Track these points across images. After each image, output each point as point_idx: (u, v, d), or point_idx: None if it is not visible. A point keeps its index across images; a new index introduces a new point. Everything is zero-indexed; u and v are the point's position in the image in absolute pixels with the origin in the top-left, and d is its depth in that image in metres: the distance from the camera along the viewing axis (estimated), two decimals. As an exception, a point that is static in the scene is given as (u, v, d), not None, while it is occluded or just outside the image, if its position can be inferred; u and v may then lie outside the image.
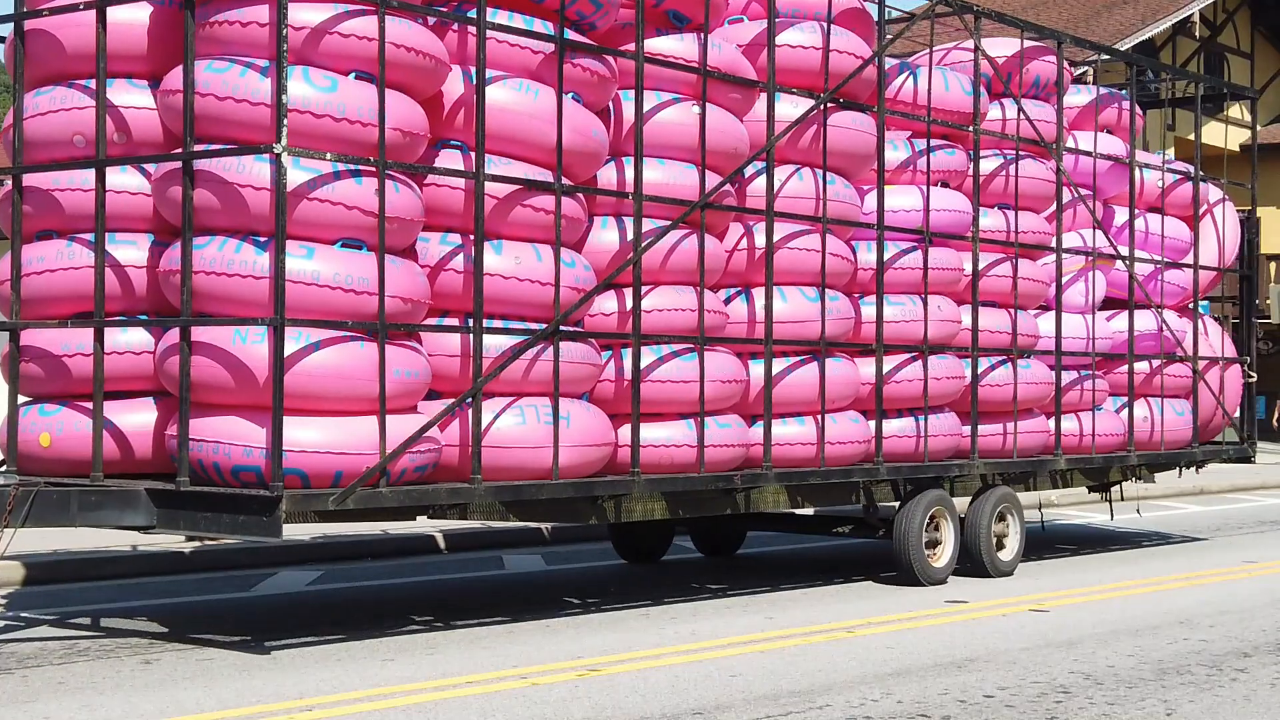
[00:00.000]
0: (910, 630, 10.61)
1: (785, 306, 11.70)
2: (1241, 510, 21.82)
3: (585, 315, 10.73)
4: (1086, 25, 33.89)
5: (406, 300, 9.33)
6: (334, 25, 9.08)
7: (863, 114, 12.30)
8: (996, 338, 13.48)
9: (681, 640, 10.06)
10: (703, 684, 8.55)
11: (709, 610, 11.40)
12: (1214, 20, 37.43)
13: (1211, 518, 20.44)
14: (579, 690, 8.35)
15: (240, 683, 8.47)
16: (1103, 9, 36.38)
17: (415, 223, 9.53)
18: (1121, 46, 27.95)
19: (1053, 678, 8.90)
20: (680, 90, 11.12)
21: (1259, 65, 40.34)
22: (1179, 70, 16.64)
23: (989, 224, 13.59)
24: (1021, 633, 10.53)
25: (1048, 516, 18.13)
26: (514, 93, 10.01)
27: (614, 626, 10.62)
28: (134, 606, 11.48)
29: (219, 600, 11.99)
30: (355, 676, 8.67)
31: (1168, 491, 23.40)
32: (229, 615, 11.21)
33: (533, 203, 10.05)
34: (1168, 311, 15.62)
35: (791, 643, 10.02)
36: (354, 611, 11.32)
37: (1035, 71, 14.22)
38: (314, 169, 8.97)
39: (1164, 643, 10.17)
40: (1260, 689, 8.67)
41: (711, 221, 11.30)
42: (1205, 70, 37.91)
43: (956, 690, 8.49)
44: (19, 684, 8.40)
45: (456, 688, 8.38)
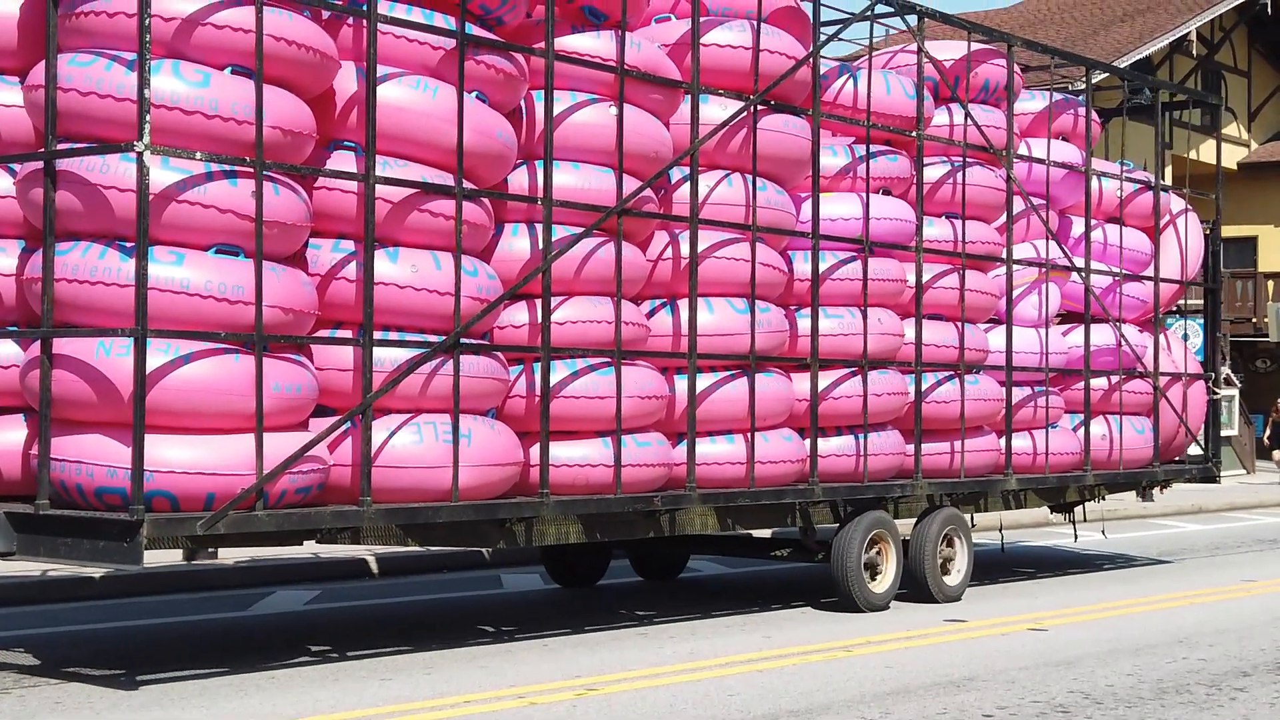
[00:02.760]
0: (908, 649, 10.43)
1: (712, 318, 11.11)
2: (1239, 528, 21.65)
3: (494, 327, 10.14)
4: (1084, 43, 33.70)
5: (288, 310, 8.72)
6: (207, 16, 8.50)
7: (797, 118, 11.72)
8: (942, 352, 12.88)
9: (679, 659, 9.91)
10: (701, 703, 8.40)
11: (707, 629, 11.21)
12: (1211, 39, 37.20)
13: (1209, 536, 20.20)
14: (577, 710, 8.18)
15: (236, 702, 8.27)
16: (1100, 27, 36.22)
17: (299, 227, 8.92)
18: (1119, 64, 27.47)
19: (1052, 697, 8.72)
20: (598, 91, 10.54)
21: (1256, 83, 40.10)
22: (1135, 75, 16.04)
23: (934, 233, 13.00)
24: (1020, 652, 10.36)
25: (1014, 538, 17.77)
26: (411, 91, 9.43)
27: (611, 645, 10.43)
28: (128, 627, 11.25)
29: (215, 620, 11.74)
30: (353, 696, 8.48)
31: (1165, 510, 23.47)
32: (226, 635, 10.98)
33: (431, 207, 9.46)
34: (1128, 326, 15.04)
35: (789, 662, 9.85)
36: (351, 631, 11.16)
37: (985, 75, 13.64)
38: (184, 169, 8.37)
39: (1163, 662, 10.00)
40: (1260, 709, 8.51)
41: (631, 229, 10.72)
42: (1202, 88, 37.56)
43: (955, 709, 8.31)
44: None
45: (454, 707, 8.26)
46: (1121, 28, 35.86)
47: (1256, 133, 40.43)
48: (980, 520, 15.55)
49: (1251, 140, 40.14)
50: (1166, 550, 18.04)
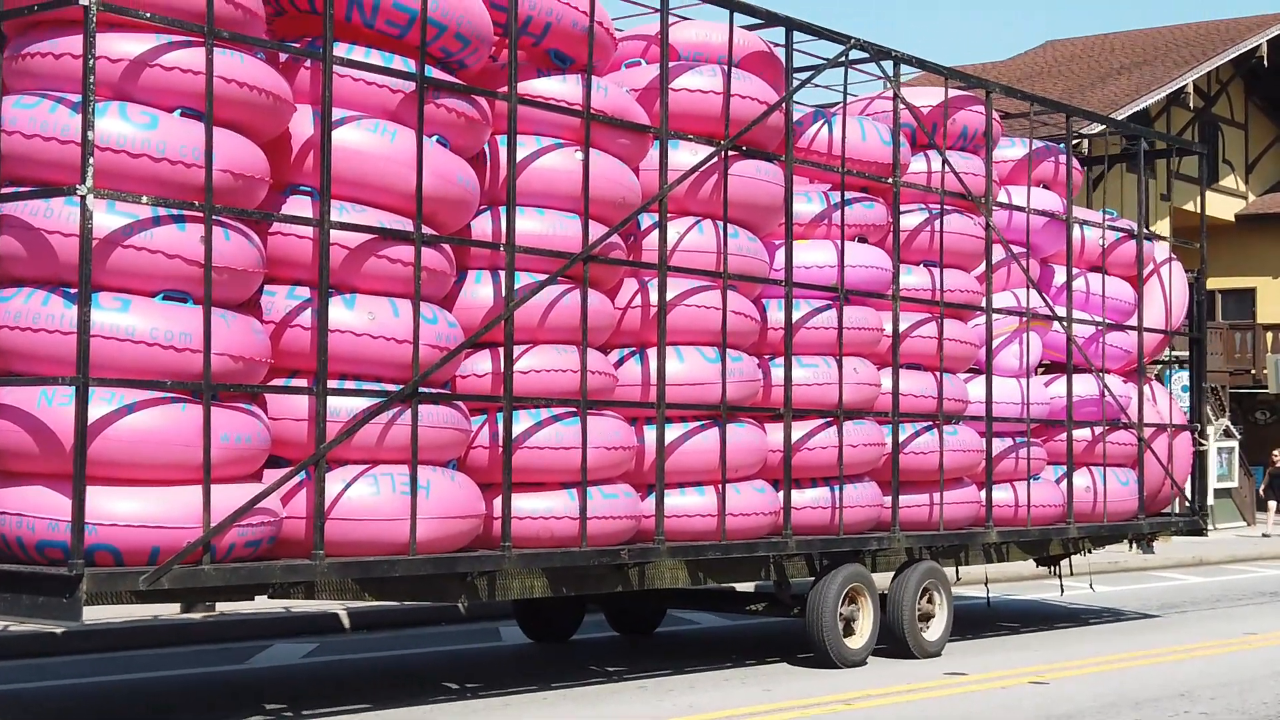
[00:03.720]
0: (909, 703, 10.34)
1: (682, 368, 10.88)
2: (1241, 581, 21.49)
3: (455, 376, 9.92)
4: (1082, 95, 33.78)
5: (238, 358, 8.48)
6: (156, 58, 8.30)
7: (770, 163, 11.52)
8: (921, 402, 12.65)
9: (680, 713, 9.78)
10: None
11: (705, 683, 11.12)
12: (1208, 91, 37.30)
13: (1211, 589, 20.00)
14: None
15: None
16: (1097, 80, 36.34)
17: (251, 273, 8.70)
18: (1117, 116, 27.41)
19: (1057, 749, 8.50)
20: (564, 136, 10.36)
21: (1253, 135, 40.16)
22: (1118, 122, 15.88)
23: (912, 282, 12.78)
24: (1023, 705, 10.27)
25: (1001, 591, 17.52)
26: (368, 134, 9.23)
27: (612, 699, 10.35)
28: (121, 681, 11.18)
29: (215, 673, 11.63)
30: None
31: (1166, 563, 23.45)
32: (227, 688, 10.88)
33: (389, 253, 9.24)
34: (1111, 376, 14.81)
35: (790, 715, 9.74)
36: (348, 684, 11.05)
37: (963, 122, 13.45)
38: (130, 213, 8.15)
39: (1165, 715, 9.90)
40: (1261, 762, 8.25)
41: (598, 276, 10.51)
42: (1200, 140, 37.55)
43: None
44: None
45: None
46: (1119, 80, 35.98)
47: (1254, 184, 40.43)
48: (965, 574, 15.34)
49: (1249, 192, 40.12)
50: (1168, 603, 17.82)
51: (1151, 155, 16.84)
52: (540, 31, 10.25)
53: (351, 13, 9.31)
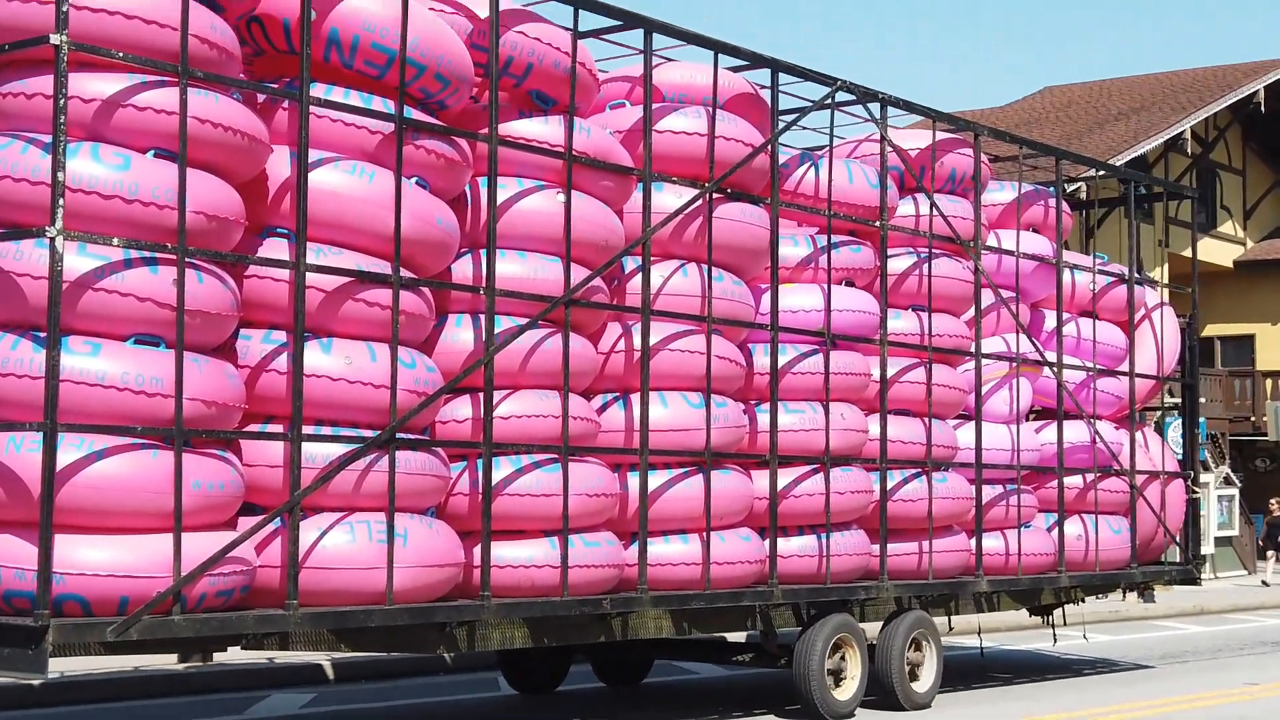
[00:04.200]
0: None
1: (666, 413, 10.73)
2: (1242, 630, 21.29)
3: (435, 422, 9.77)
4: (1080, 142, 33.85)
5: (211, 403, 8.32)
6: (129, 98, 8.16)
7: (755, 206, 11.41)
8: (909, 449, 12.49)
9: None
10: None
11: None
12: (1206, 137, 37.33)
13: (1212, 638, 19.82)
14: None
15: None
16: (1095, 126, 36.41)
17: (225, 317, 8.54)
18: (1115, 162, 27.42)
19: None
20: (547, 178, 10.23)
21: (1251, 181, 40.19)
22: (1107, 166, 15.79)
23: (900, 326, 12.65)
24: None
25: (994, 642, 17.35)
26: (346, 176, 9.09)
27: None
28: None
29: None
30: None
31: (1168, 611, 23.33)
32: None
33: (367, 297, 9.09)
34: (1103, 422, 14.66)
35: None
36: None
37: (951, 165, 13.34)
38: (101, 255, 8.00)
39: None
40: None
41: (581, 320, 10.36)
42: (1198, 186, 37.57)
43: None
44: None
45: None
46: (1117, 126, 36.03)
47: (1252, 230, 40.42)
48: (958, 623, 15.16)
49: (1247, 238, 40.08)
50: (1169, 652, 17.64)
51: (1143, 199, 16.74)
52: (522, 72, 10.14)
53: (330, 53, 9.20)
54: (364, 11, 9.21)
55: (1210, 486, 31.93)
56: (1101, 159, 26.44)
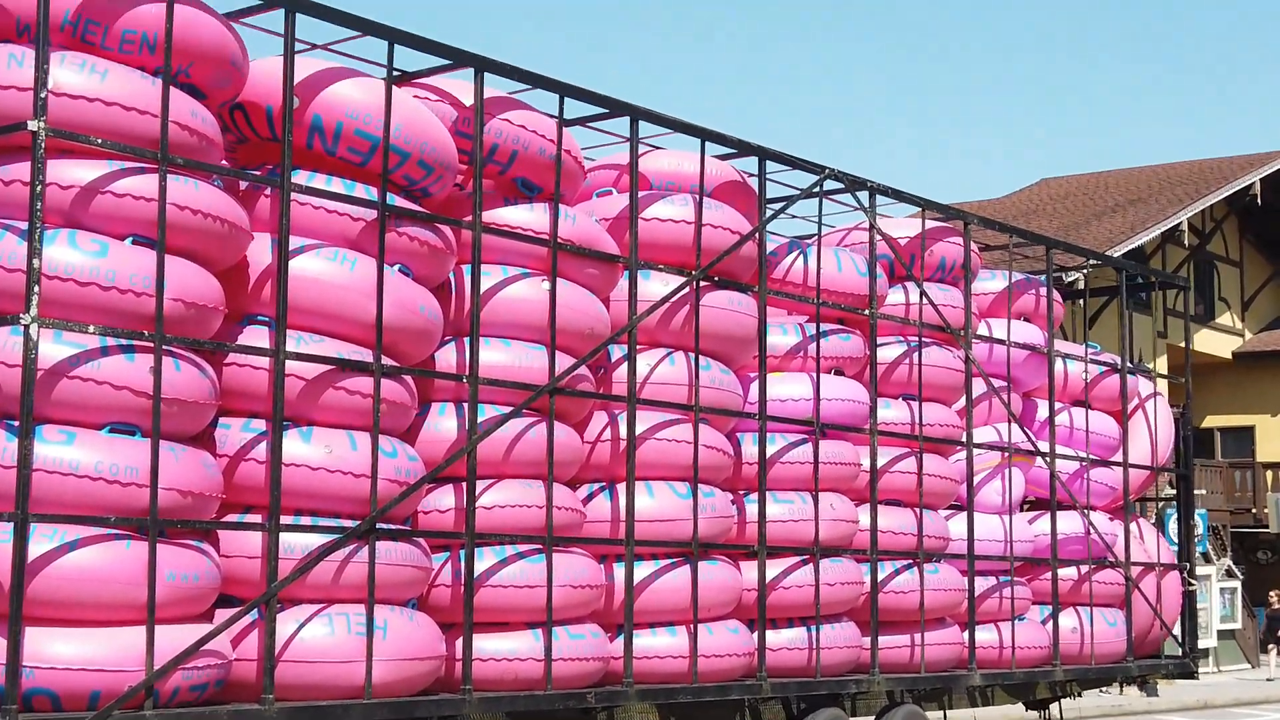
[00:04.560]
0: None
1: (652, 503, 10.61)
2: None
3: (417, 511, 9.64)
4: (1077, 233, 34.02)
5: (186, 493, 8.19)
6: (108, 184, 8.10)
7: (743, 294, 11.34)
8: (900, 539, 12.36)
9: None
10: None
11: None
12: (1202, 229, 37.44)
13: None
14: None
15: None
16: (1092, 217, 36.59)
17: (203, 405, 8.43)
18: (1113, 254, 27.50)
19: None
20: (532, 265, 10.17)
21: (1249, 273, 40.27)
22: (1097, 254, 15.75)
23: (890, 415, 12.55)
24: None
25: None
26: (327, 263, 9.03)
27: None
28: None
29: None
30: None
31: (1171, 706, 23.24)
32: None
33: (348, 385, 8.99)
34: (1097, 513, 14.53)
35: None
36: None
37: (941, 254, 13.30)
38: (77, 343, 7.90)
39: None
40: None
41: (566, 409, 10.27)
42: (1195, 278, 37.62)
43: None
44: None
45: None
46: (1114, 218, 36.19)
47: (1250, 322, 40.45)
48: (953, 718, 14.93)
49: (1246, 330, 40.08)
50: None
51: (1135, 289, 16.71)
52: (507, 159, 10.11)
53: (313, 140, 9.17)
54: (347, 99, 9.19)
55: (1212, 579, 31.73)
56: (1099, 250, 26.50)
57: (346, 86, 9.23)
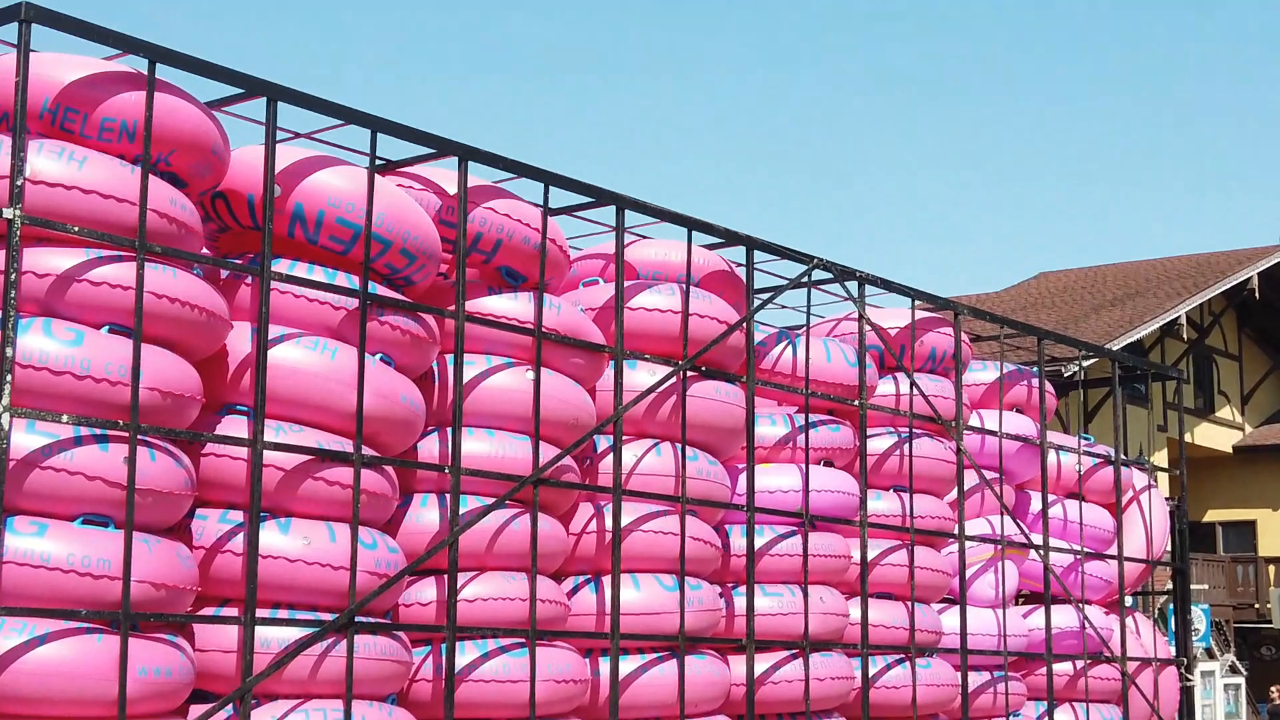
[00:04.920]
0: None
1: (638, 596, 10.46)
2: None
3: (398, 604, 9.49)
4: (1075, 327, 34.08)
5: (160, 585, 8.04)
6: (84, 273, 8.02)
7: (731, 384, 11.25)
8: (892, 633, 12.19)
9: None
10: None
11: None
12: (1201, 323, 37.49)
13: None
14: None
15: None
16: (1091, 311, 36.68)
17: (178, 496, 8.30)
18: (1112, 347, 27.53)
19: None
20: (516, 355, 10.08)
21: (1247, 367, 40.29)
22: (1088, 345, 15.66)
23: (881, 507, 12.42)
24: None
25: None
26: (308, 352, 8.93)
27: None
28: None
29: None
30: None
31: None
32: None
33: (327, 475, 8.87)
34: (1092, 607, 14.36)
35: None
36: None
37: (931, 344, 13.22)
38: (50, 433, 7.78)
39: None
40: None
41: (551, 500, 10.14)
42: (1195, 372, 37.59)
43: None
44: None
45: None
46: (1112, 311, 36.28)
47: (1250, 416, 40.41)
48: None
49: (1246, 423, 40.01)
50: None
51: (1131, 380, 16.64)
52: (491, 248, 10.05)
53: (294, 229, 9.11)
54: (329, 187, 9.15)
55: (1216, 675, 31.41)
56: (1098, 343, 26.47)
57: (328, 175, 9.19)
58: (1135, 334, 32.75)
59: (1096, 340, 30.47)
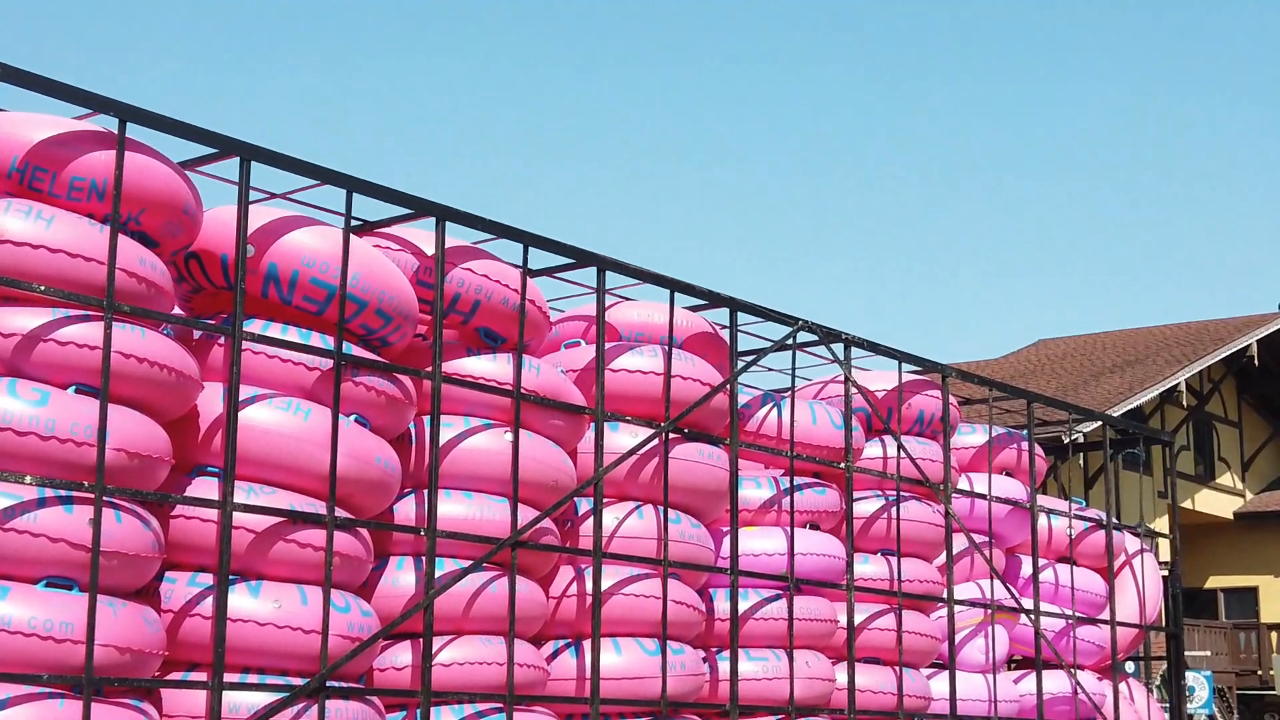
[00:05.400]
0: None
1: (619, 660, 10.31)
2: None
3: (373, 669, 9.35)
4: (1075, 393, 34.06)
5: (125, 650, 7.91)
6: (50, 332, 7.93)
7: (714, 447, 11.14)
8: (879, 698, 12.01)
9: None
10: None
11: None
12: (1200, 390, 37.43)
13: None
14: None
15: None
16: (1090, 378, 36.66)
17: (145, 559, 8.17)
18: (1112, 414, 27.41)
19: None
20: (495, 416, 9.98)
21: (1248, 434, 40.22)
22: (1083, 410, 15.53)
23: (868, 571, 12.27)
24: None
25: None
26: (280, 413, 8.83)
27: None
28: None
29: None
30: None
31: None
32: None
33: (299, 538, 8.74)
34: (1085, 672, 14.17)
35: None
36: None
37: (919, 407, 13.11)
38: (13, 494, 7.67)
39: None
40: None
41: (530, 563, 10.01)
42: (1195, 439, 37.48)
43: None
44: None
45: None
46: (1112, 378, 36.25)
47: (1251, 482, 40.30)
48: None
49: (1247, 490, 39.89)
50: None
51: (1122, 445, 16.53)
52: (469, 309, 9.97)
53: (268, 289, 9.04)
54: (304, 247, 9.08)
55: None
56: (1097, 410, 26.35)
57: (303, 235, 9.12)
58: (1135, 401, 32.66)
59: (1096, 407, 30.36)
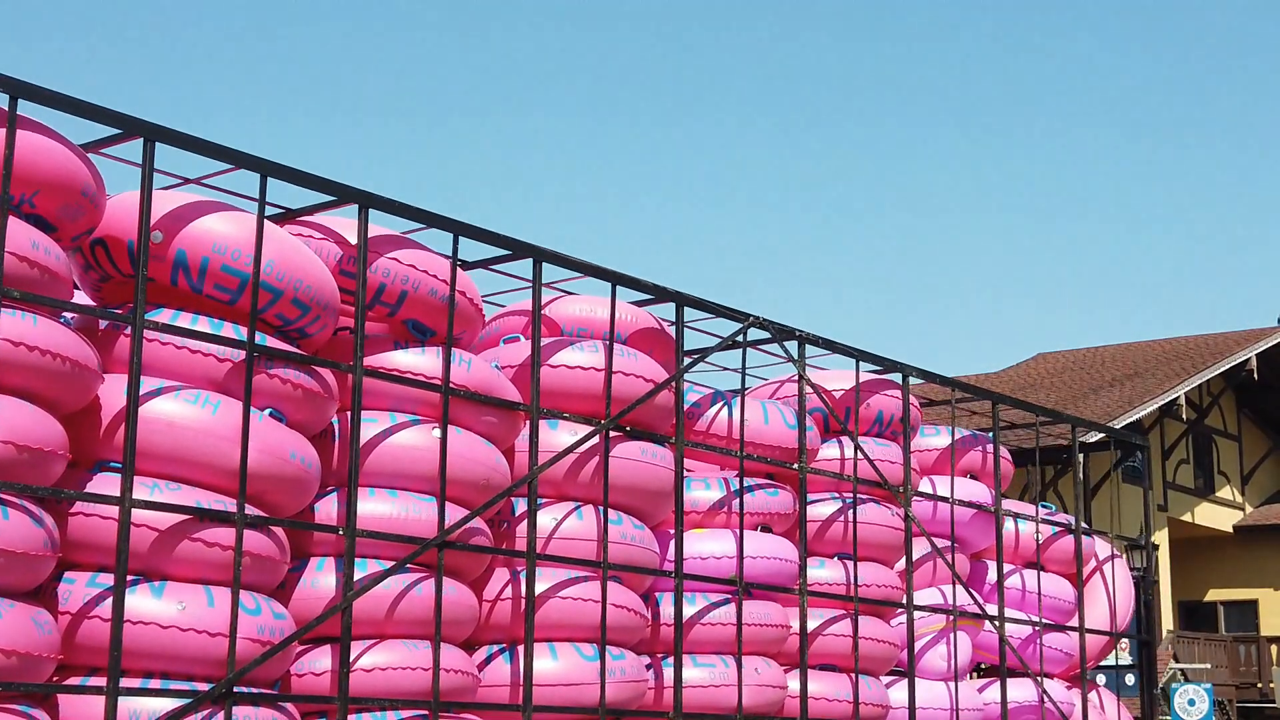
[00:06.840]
0: None
1: (556, 667, 9.91)
2: None
3: (290, 674, 8.95)
4: (1074, 406, 33.83)
5: (12, 653, 7.51)
6: (-65, 319, 7.56)
7: (659, 446, 10.74)
8: (835, 707, 11.60)
9: None
10: None
11: None
12: (1200, 403, 37.12)
13: None
14: None
15: None
16: (1089, 392, 36.38)
17: (37, 557, 7.77)
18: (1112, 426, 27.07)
19: None
20: (423, 412, 9.60)
21: (1247, 447, 39.94)
22: (1051, 412, 15.13)
23: (824, 575, 11.87)
24: None
25: None
26: (186, 405, 8.43)
27: None
28: None
29: None
30: None
31: None
32: None
33: (206, 536, 8.34)
34: (1052, 680, 13.75)
35: None
36: None
37: (878, 407, 12.71)
38: (-108, 488, 7.32)
39: None
40: None
41: (459, 565, 9.62)
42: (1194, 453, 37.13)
43: None
44: None
45: None
46: (1111, 392, 35.97)
47: (1251, 495, 39.97)
48: None
49: (1246, 503, 39.55)
50: None
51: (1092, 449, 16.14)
52: (395, 301, 9.59)
53: (177, 276, 8.66)
54: (214, 233, 8.69)
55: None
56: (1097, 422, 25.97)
57: (213, 220, 8.74)
58: (1134, 414, 32.28)
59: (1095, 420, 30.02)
